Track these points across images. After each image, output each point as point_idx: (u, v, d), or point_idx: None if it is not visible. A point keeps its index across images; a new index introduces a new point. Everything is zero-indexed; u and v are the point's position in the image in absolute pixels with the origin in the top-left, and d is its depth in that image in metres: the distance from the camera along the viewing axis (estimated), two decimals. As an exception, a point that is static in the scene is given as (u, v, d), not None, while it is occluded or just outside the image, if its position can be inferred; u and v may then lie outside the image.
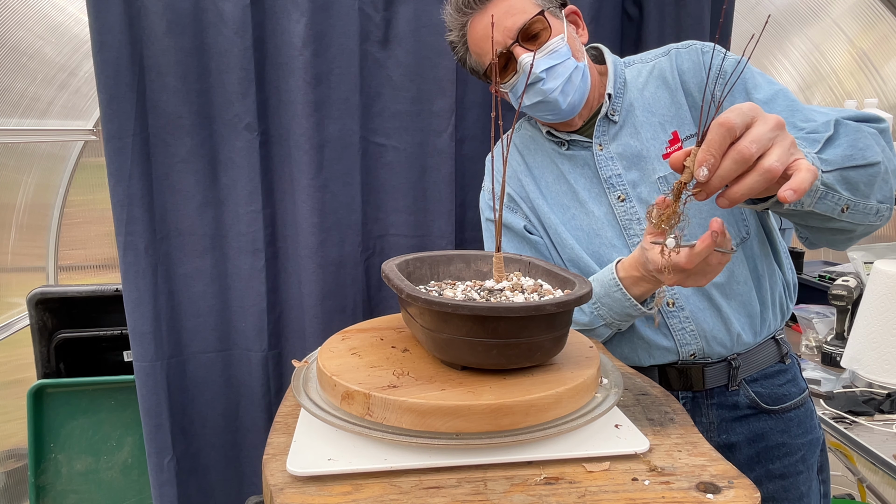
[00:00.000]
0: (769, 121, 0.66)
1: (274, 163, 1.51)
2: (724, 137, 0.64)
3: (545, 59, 1.02)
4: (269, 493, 0.58)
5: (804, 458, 1.14)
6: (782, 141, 0.66)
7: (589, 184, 1.12)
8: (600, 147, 1.11)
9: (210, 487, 1.60)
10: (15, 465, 2.36)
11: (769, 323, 1.11)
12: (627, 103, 1.10)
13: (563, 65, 1.03)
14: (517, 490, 0.57)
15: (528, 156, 1.20)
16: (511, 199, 1.20)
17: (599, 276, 1.02)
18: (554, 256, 1.17)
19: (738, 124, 0.64)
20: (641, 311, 0.99)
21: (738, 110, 0.65)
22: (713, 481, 0.57)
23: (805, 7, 2.60)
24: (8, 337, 2.36)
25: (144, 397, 1.48)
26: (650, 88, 1.10)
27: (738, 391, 1.11)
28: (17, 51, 2.20)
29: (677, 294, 1.07)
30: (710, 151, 0.64)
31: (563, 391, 0.64)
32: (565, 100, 1.04)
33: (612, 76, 1.11)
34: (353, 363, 0.70)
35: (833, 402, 1.57)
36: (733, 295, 1.07)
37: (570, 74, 1.04)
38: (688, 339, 1.07)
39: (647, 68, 1.12)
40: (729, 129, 0.64)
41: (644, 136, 1.08)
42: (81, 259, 2.79)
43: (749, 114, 0.65)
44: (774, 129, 0.66)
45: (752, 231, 1.08)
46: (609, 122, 1.11)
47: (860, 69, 2.63)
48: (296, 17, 1.41)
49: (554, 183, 1.16)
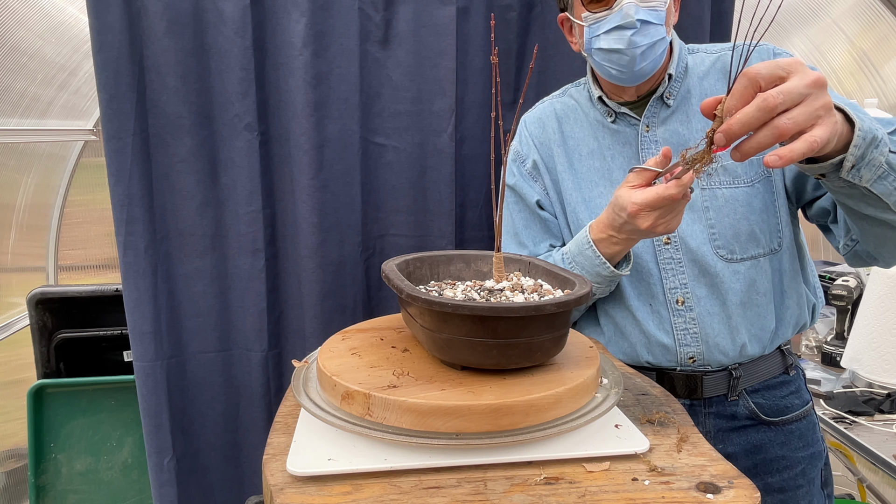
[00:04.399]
0: (808, 76, 0.63)
1: (274, 163, 1.51)
2: (745, 87, 0.64)
3: (645, 11, 0.96)
4: (269, 493, 0.58)
5: (804, 472, 1.10)
6: (813, 101, 0.63)
7: (627, 164, 1.08)
8: (647, 128, 1.07)
9: (210, 487, 1.60)
10: (15, 465, 2.36)
11: (781, 339, 1.08)
12: (685, 89, 1.07)
13: (656, 28, 0.98)
14: (517, 490, 0.57)
15: (566, 124, 1.15)
16: (535, 167, 1.16)
17: (576, 237, 1.02)
18: (565, 235, 1.14)
19: (763, 75, 0.63)
20: (612, 272, 0.98)
21: (774, 63, 0.64)
22: (713, 481, 0.57)
23: (805, 7, 2.60)
24: (8, 337, 2.36)
25: (144, 397, 1.48)
26: (710, 80, 1.06)
27: (737, 401, 1.08)
28: (17, 51, 2.20)
29: (690, 293, 1.04)
30: (734, 99, 0.64)
31: (563, 391, 0.64)
32: (641, 63, 0.99)
33: (676, 57, 1.07)
34: (353, 363, 0.70)
35: (833, 402, 1.57)
36: (750, 305, 1.04)
37: (657, 42, 0.99)
38: (688, 340, 1.05)
39: (710, 59, 1.08)
40: (751, 79, 0.63)
41: (695, 125, 1.05)
42: (81, 259, 2.79)
43: (786, 67, 0.64)
44: (811, 86, 0.63)
45: (785, 245, 1.05)
46: (662, 105, 1.07)
47: (860, 69, 2.63)
48: (296, 17, 1.41)
49: (588, 157, 1.11)
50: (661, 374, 1.08)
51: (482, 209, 1.57)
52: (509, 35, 1.51)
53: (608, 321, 1.12)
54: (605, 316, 1.12)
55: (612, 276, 1.00)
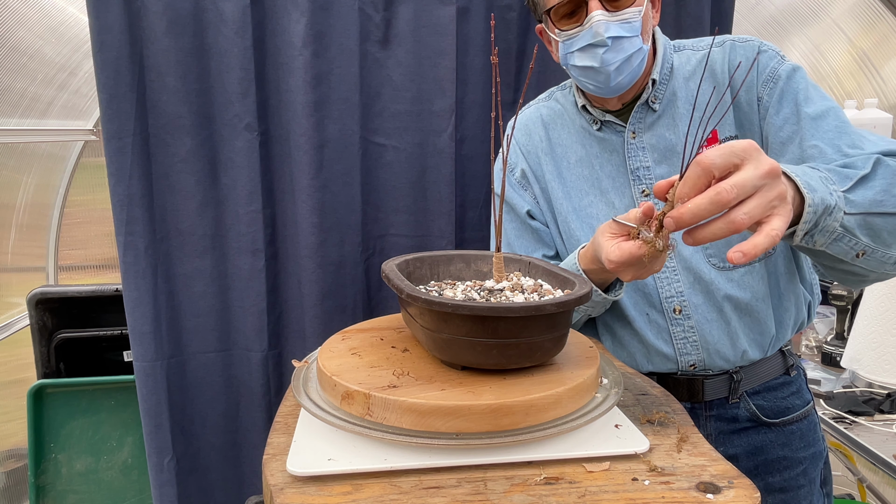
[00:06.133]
0: (761, 166, 0.61)
1: (274, 163, 1.51)
2: (698, 176, 0.61)
3: (616, 27, 0.94)
4: (269, 493, 0.58)
5: (805, 472, 1.10)
6: (767, 192, 0.61)
7: (615, 172, 1.06)
8: (633, 135, 1.04)
9: (210, 487, 1.60)
10: (15, 465, 2.36)
11: (782, 341, 1.07)
12: (670, 92, 1.04)
13: (630, 41, 0.95)
14: (517, 490, 0.57)
15: (552, 130, 1.13)
16: (524, 176, 1.14)
17: (567, 260, 1.00)
18: (558, 244, 1.13)
19: (718, 165, 0.61)
20: (604, 298, 0.97)
21: (728, 149, 0.61)
22: (713, 481, 0.57)
23: (805, 7, 2.60)
24: (8, 337, 2.36)
25: (144, 397, 1.48)
26: (696, 80, 1.03)
27: (738, 404, 1.07)
28: (17, 51, 2.20)
29: (686, 301, 1.03)
30: (685, 187, 0.62)
31: (563, 391, 0.64)
32: (616, 78, 0.97)
33: (661, 60, 1.04)
34: (353, 363, 0.70)
35: (833, 402, 1.57)
36: (748, 311, 1.03)
37: (632, 55, 0.96)
38: (689, 349, 1.04)
39: (697, 57, 1.05)
40: (704, 169, 0.61)
41: (682, 129, 1.02)
42: (81, 259, 2.79)
43: (740, 154, 0.61)
44: (765, 176, 0.61)
45: (779, 247, 1.03)
46: (648, 110, 1.04)
47: (860, 69, 2.63)
48: (296, 17, 1.41)
49: (576, 165, 1.09)
50: (662, 378, 1.07)
51: (482, 209, 1.57)
52: (509, 35, 1.51)
53: (606, 331, 1.11)
54: (603, 326, 1.12)
55: (605, 301, 0.99)
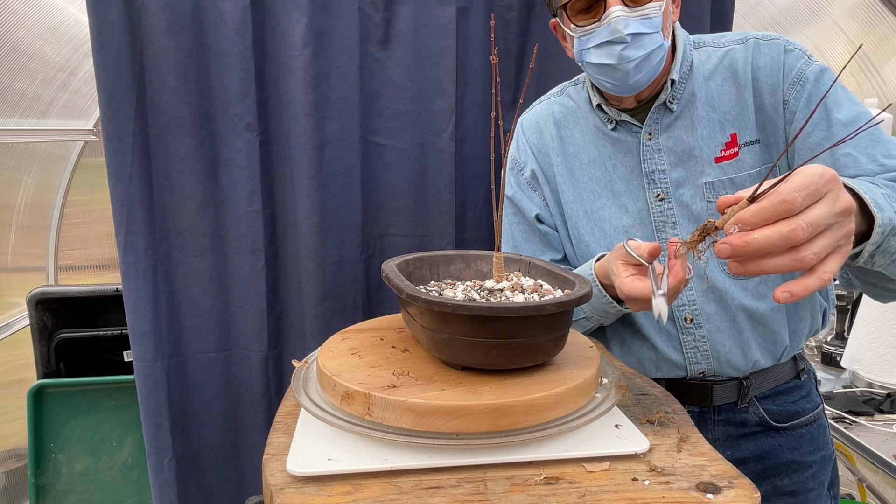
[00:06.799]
0: (839, 204, 0.57)
1: (274, 163, 1.51)
2: (778, 214, 0.55)
3: (636, 23, 0.89)
4: (269, 493, 0.58)
5: (815, 476, 1.08)
6: (837, 230, 0.57)
7: (629, 174, 1.02)
8: (649, 136, 1.00)
9: (210, 487, 1.60)
10: (15, 465, 2.36)
11: (795, 350, 1.05)
12: (689, 92, 0.99)
13: (651, 38, 0.91)
14: (517, 490, 0.57)
15: (565, 129, 1.09)
16: (533, 177, 1.10)
17: (582, 269, 0.98)
18: (566, 248, 1.10)
19: (801, 206, 0.55)
20: (618, 310, 0.95)
21: (814, 187, 0.55)
22: (713, 481, 0.57)
23: (805, 7, 2.60)
24: (8, 337, 2.36)
25: (144, 397, 1.48)
26: (717, 80, 0.99)
27: (747, 408, 1.06)
28: (17, 51, 2.20)
29: (698, 310, 1.01)
30: (757, 217, 0.55)
31: (563, 391, 0.64)
32: (635, 76, 0.93)
33: (680, 58, 0.99)
34: (353, 363, 0.70)
35: (833, 402, 1.57)
36: (762, 321, 1.00)
37: (652, 52, 0.92)
38: (699, 358, 1.03)
39: (718, 54, 1.00)
40: (788, 210, 0.55)
41: (700, 132, 0.98)
42: (81, 259, 2.79)
43: (822, 190, 0.56)
44: (839, 214, 0.57)
45: None
46: (665, 110, 1.00)
47: (860, 69, 2.63)
48: (296, 17, 1.41)
49: (589, 166, 1.05)
50: (671, 383, 1.05)
51: (482, 209, 1.57)
52: (509, 35, 1.51)
53: (615, 337, 1.10)
54: (613, 332, 1.10)
55: (619, 313, 0.97)
